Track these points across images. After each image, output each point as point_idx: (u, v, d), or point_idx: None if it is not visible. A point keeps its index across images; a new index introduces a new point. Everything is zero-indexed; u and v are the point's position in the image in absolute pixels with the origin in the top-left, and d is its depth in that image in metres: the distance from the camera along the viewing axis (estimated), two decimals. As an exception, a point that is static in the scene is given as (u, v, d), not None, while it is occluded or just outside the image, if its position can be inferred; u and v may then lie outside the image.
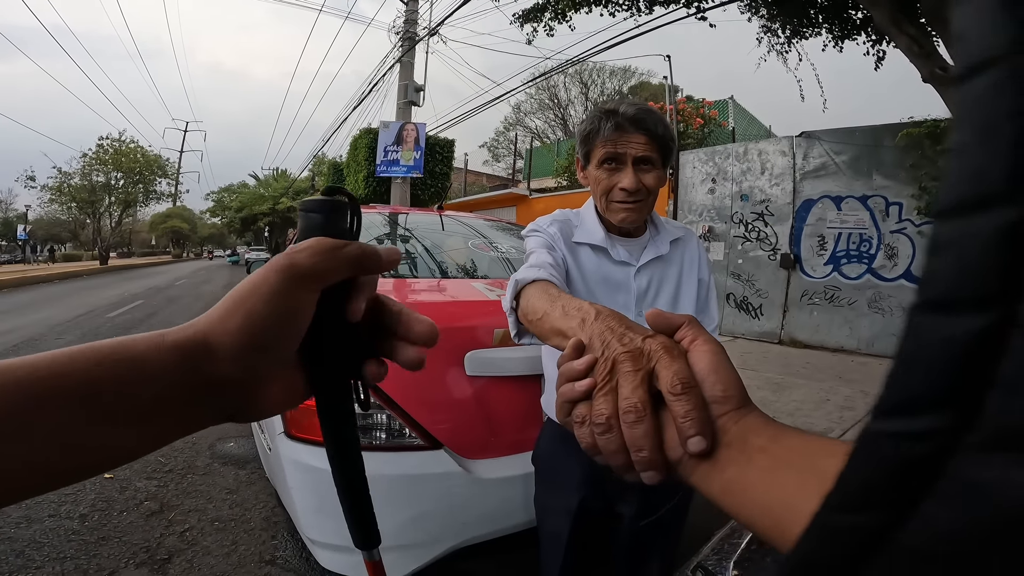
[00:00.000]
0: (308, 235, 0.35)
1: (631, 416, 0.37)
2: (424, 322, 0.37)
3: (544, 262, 0.93)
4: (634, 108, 1.03)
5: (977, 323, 0.14)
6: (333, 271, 0.34)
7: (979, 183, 0.14)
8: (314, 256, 0.33)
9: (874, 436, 0.16)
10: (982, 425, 0.13)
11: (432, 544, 1.43)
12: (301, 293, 0.33)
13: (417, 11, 10.09)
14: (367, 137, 11.14)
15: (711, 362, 0.38)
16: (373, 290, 0.37)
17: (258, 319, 0.31)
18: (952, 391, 0.14)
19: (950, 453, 0.14)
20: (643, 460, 0.37)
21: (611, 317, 0.47)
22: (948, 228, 0.15)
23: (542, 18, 6.21)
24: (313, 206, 0.36)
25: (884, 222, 5.68)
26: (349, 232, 0.37)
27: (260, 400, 0.34)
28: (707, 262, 1.20)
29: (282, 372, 0.35)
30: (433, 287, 1.96)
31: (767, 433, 0.35)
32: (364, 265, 0.35)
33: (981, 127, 0.14)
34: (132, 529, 2.23)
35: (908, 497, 0.15)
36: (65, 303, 10.42)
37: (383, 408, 1.42)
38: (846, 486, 0.17)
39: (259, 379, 0.33)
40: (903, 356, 0.16)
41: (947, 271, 0.15)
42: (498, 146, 29.79)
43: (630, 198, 1.04)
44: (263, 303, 0.31)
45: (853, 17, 5.45)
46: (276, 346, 0.33)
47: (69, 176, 30.93)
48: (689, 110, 10.19)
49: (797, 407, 3.87)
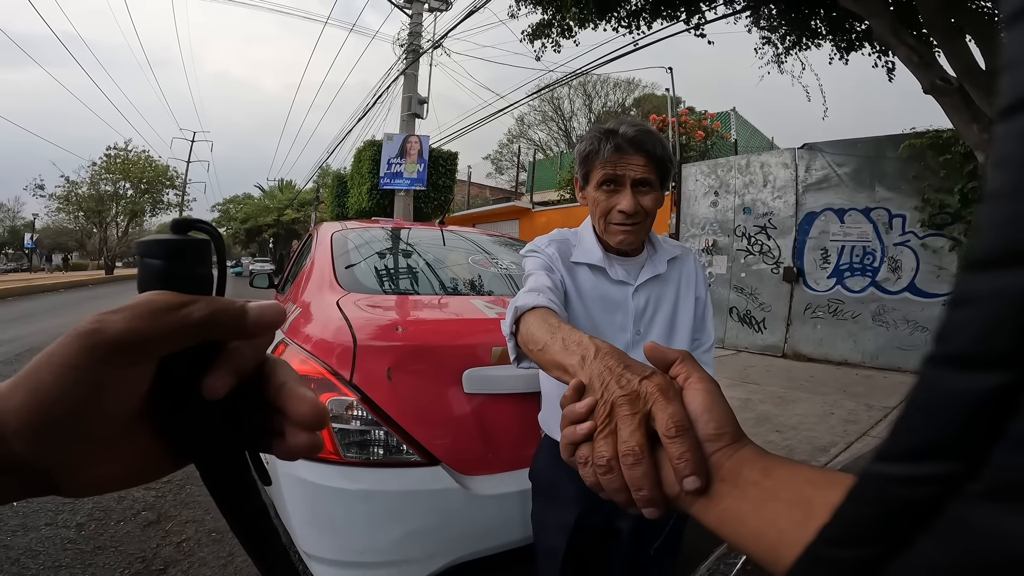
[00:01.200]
0: (146, 287, 0.28)
1: (629, 459, 0.39)
2: (305, 401, 0.29)
3: (543, 286, 0.94)
4: (634, 129, 1.03)
5: (993, 382, 0.14)
6: (163, 340, 0.26)
7: (1013, 236, 0.13)
8: (133, 319, 0.25)
9: (877, 478, 0.16)
10: (986, 475, 0.14)
11: (428, 560, 1.42)
12: (108, 368, 0.25)
13: (421, 24, 10.22)
14: (371, 149, 11.23)
15: (704, 401, 0.40)
16: (249, 356, 0.29)
17: (45, 396, 0.25)
18: (959, 442, 0.14)
19: (951, 496, 0.14)
20: (643, 498, 0.39)
21: (609, 355, 0.49)
22: (976, 282, 0.14)
23: (550, 34, 6.28)
24: (149, 249, 0.28)
25: (887, 235, 5.68)
26: (210, 280, 0.29)
27: (86, 478, 0.28)
28: (704, 280, 1.21)
29: (111, 448, 0.28)
30: (433, 304, 1.96)
31: (759, 466, 0.36)
32: (217, 330, 0.28)
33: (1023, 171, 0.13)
34: (129, 539, 2.22)
35: (903, 534, 0.15)
36: (70, 312, 10.46)
37: (380, 424, 1.41)
38: (842, 521, 0.18)
39: (66, 460, 0.27)
40: (914, 405, 0.16)
41: (970, 327, 0.14)
42: (501, 158, 29.98)
43: (628, 221, 1.04)
44: (51, 377, 0.25)
45: (857, 28, 5.48)
46: (80, 426, 0.26)
47: (77, 185, 31.19)
48: (691, 122, 10.25)
49: (800, 420, 3.84)
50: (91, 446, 0.27)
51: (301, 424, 0.29)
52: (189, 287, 0.28)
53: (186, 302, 0.27)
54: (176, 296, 0.27)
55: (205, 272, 0.29)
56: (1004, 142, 0.13)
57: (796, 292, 6.36)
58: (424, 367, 1.49)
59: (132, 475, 0.29)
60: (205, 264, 0.29)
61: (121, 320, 0.25)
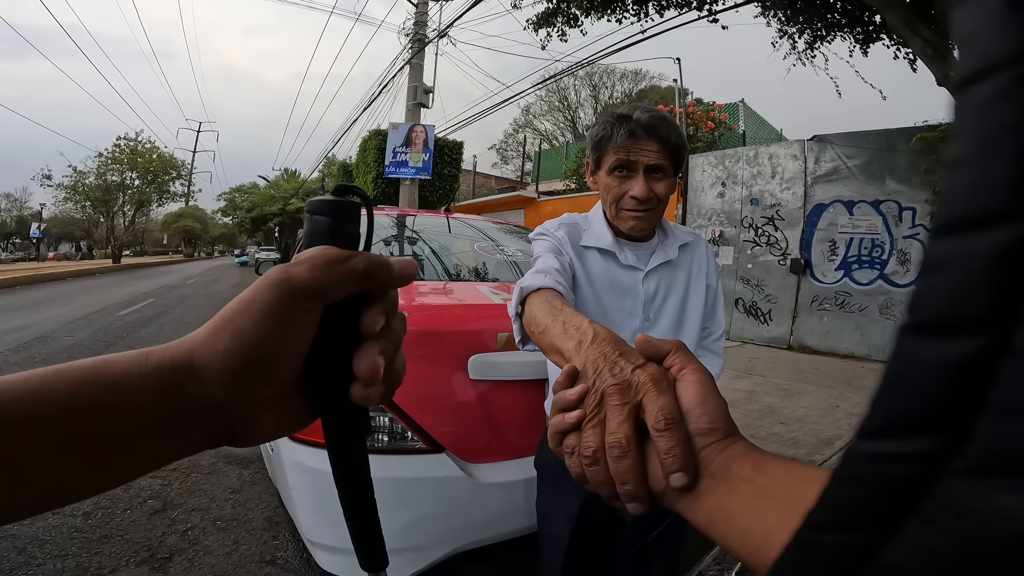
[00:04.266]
0: (312, 241, 0.32)
1: (615, 451, 0.38)
2: (363, 357, 0.32)
3: (550, 267, 0.92)
4: (648, 115, 1.01)
5: (970, 347, 0.13)
6: (335, 287, 0.30)
7: (977, 200, 0.13)
8: (313, 270, 0.29)
9: (859, 457, 0.16)
10: (971, 450, 0.13)
11: (432, 548, 1.42)
12: (297, 312, 0.29)
13: (427, 13, 10.13)
14: (376, 139, 11.21)
15: (698, 393, 0.39)
16: (393, 301, 0.33)
17: (248, 340, 0.28)
18: (941, 415, 0.14)
19: (937, 475, 0.14)
20: (627, 492, 0.38)
21: (606, 342, 0.47)
22: (943, 247, 0.14)
23: (555, 22, 6.21)
24: (319, 208, 0.33)
25: (897, 227, 5.61)
26: (359, 239, 0.33)
27: (256, 426, 0.31)
28: (715, 268, 1.19)
29: (280, 396, 0.31)
30: (439, 290, 1.95)
31: (750, 463, 0.35)
32: (373, 280, 0.31)
33: (981, 139, 0.13)
34: (135, 527, 2.24)
35: (891, 516, 0.15)
36: (77, 301, 10.54)
37: (385, 411, 1.41)
38: (828, 505, 0.17)
39: (253, 405, 0.30)
40: (891, 378, 0.15)
41: (941, 292, 0.14)
42: (507, 148, 29.87)
43: (640, 207, 1.02)
44: (254, 322, 0.28)
45: (874, 20, 5.39)
46: (270, 370, 0.29)
47: (84, 175, 31.34)
48: (699, 113, 10.15)
49: (806, 413, 3.82)
50: (273, 392, 0.30)
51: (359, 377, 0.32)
52: (346, 242, 0.32)
53: (350, 255, 0.31)
54: (341, 250, 0.31)
55: (356, 231, 0.33)
56: (963, 113, 0.14)
57: (803, 284, 6.31)
58: (429, 353, 1.48)
59: (285, 425, 0.32)
60: (357, 223, 0.34)
61: (305, 271, 0.29)
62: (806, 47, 6.01)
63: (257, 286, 0.29)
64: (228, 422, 0.29)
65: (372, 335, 0.31)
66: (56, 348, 5.64)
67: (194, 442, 0.29)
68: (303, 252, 0.31)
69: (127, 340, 6.22)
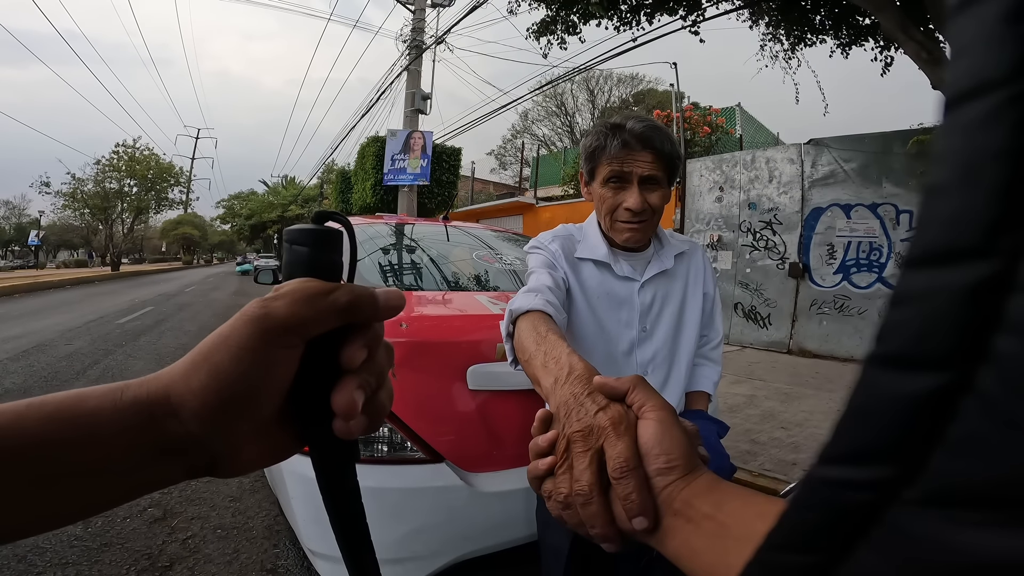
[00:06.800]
0: (293, 272, 0.31)
1: (579, 499, 0.40)
2: (341, 393, 0.31)
3: (542, 285, 0.93)
4: (641, 125, 1.00)
5: (931, 383, 0.13)
6: (317, 323, 0.29)
7: (952, 233, 0.13)
8: (294, 305, 0.28)
9: (816, 481, 0.16)
10: (923, 482, 0.13)
11: (432, 557, 1.41)
12: (277, 348, 0.28)
13: (424, 19, 10.17)
14: (374, 145, 11.21)
15: (655, 433, 0.40)
16: (377, 333, 0.32)
17: (225, 377, 0.27)
18: (898, 446, 0.14)
19: (887, 504, 0.14)
20: (597, 535, 0.40)
21: (577, 381, 0.49)
22: (912, 280, 0.14)
23: (555, 31, 6.24)
24: (298, 237, 0.31)
25: (895, 230, 5.63)
26: (342, 268, 0.32)
27: (238, 458, 0.30)
28: (712, 276, 1.19)
29: (263, 428, 0.30)
30: (437, 300, 1.96)
31: (711, 499, 0.36)
32: (357, 314, 0.30)
33: (964, 165, 0.13)
34: (135, 536, 2.23)
35: (843, 541, 0.15)
36: (76, 309, 10.52)
37: (384, 421, 1.41)
38: (786, 526, 0.18)
39: (234, 438, 0.29)
40: (853, 407, 0.15)
41: (907, 326, 0.14)
42: (505, 154, 29.94)
43: (635, 218, 1.02)
44: (231, 359, 0.27)
45: (860, 23, 5.43)
46: (249, 406, 0.29)
47: (83, 182, 31.33)
48: (696, 117, 10.17)
49: (806, 417, 3.82)
50: (254, 425, 0.29)
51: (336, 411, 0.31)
52: (328, 273, 0.31)
53: (332, 288, 0.30)
54: (323, 283, 0.30)
55: (339, 259, 0.32)
56: (948, 134, 0.13)
57: (802, 288, 6.32)
58: (428, 363, 1.48)
59: (267, 455, 0.32)
60: (339, 252, 0.32)
61: (284, 306, 0.28)
62: (790, 49, 6.04)
63: (235, 321, 0.28)
64: (208, 455, 0.29)
65: (352, 369, 0.31)
66: (55, 356, 5.61)
67: (173, 474, 0.29)
68: (283, 285, 0.30)
69: (126, 348, 6.21)
